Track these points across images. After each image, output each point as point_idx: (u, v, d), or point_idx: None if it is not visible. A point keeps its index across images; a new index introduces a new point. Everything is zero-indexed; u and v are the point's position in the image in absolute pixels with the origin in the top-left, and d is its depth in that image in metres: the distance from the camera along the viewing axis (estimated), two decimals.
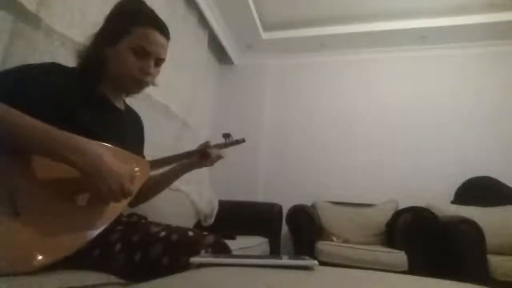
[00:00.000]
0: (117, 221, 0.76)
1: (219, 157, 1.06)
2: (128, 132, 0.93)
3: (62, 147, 0.61)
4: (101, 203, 0.68)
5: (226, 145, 1.11)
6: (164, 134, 2.14)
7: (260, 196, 2.94)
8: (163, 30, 0.87)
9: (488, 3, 2.48)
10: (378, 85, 3.01)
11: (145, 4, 0.89)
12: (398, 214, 2.21)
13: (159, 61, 0.88)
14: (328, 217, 2.43)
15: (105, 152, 0.66)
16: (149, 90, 0.95)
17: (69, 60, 0.86)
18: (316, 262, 0.57)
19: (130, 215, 0.97)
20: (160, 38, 0.85)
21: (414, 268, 1.83)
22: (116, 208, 0.73)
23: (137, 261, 0.70)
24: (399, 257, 1.88)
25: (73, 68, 0.83)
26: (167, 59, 0.91)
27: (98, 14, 0.87)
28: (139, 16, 0.84)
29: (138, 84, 0.87)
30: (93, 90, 0.84)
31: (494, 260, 1.77)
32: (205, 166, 1.05)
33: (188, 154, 1.00)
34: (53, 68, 0.77)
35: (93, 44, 0.84)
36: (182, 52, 2.24)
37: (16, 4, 1.08)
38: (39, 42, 1.15)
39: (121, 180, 0.65)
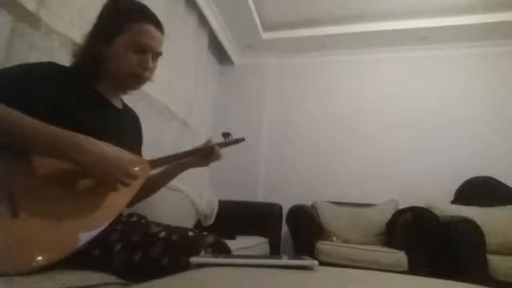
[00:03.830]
0: (117, 221, 0.76)
1: (221, 158, 1.05)
2: (126, 132, 0.93)
3: (64, 146, 0.62)
4: (110, 190, 0.71)
5: (225, 144, 1.11)
6: (163, 134, 2.14)
7: (260, 196, 2.94)
8: (158, 24, 0.88)
9: (488, 3, 2.48)
10: (378, 85, 3.01)
11: (136, 0, 0.89)
12: (398, 214, 2.21)
13: (156, 56, 0.89)
14: (328, 217, 2.43)
15: (104, 145, 0.68)
16: (148, 89, 0.95)
17: (69, 60, 0.86)
18: (316, 262, 0.57)
19: (130, 215, 0.97)
20: (155, 32, 0.86)
21: (414, 268, 1.83)
22: (116, 208, 0.73)
23: (137, 261, 0.70)
24: (399, 257, 1.88)
25: (69, 67, 0.83)
26: (166, 58, 0.92)
27: (97, 14, 0.87)
28: (133, 12, 0.84)
29: (137, 80, 0.88)
30: (91, 90, 0.83)
31: (494, 260, 1.77)
32: (206, 164, 1.04)
33: (188, 153, 1.00)
34: (51, 68, 0.77)
35: (88, 43, 0.84)
36: (182, 52, 2.23)
37: (16, 4, 1.08)
38: (39, 42, 1.16)
39: (125, 167, 0.69)
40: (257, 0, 2.63)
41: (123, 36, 0.82)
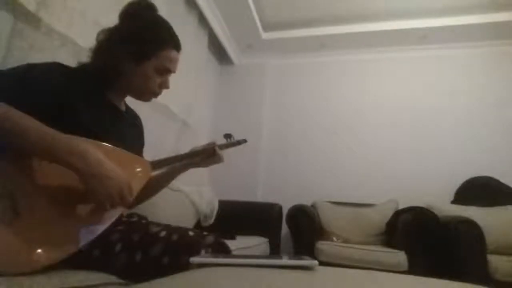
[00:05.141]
0: (117, 221, 0.76)
1: (222, 159, 1.06)
2: (128, 133, 0.93)
3: (64, 150, 0.61)
4: (97, 208, 0.68)
5: (227, 146, 1.12)
6: (164, 134, 2.14)
7: (260, 196, 2.94)
8: (180, 47, 0.92)
9: (488, 3, 2.48)
10: (378, 85, 3.01)
11: (163, 19, 0.90)
12: (398, 214, 2.21)
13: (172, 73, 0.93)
14: (328, 217, 2.43)
15: (105, 157, 0.66)
16: None
17: (69, 60, 0.86)
18: (316, 262, 0.57)
19: (130, 215, 0.97)
20: (177, 56, 0.91)
21: (414, 268, 1.83)
22: (117, 209, 0.73)
23: (138, 261, 0.70)
24: (399, 257, 1.88)
25: (77, 68, 0.82)
26: None
27: (97, 14, 0.86)
28: (166, 37, 0.87)
29: (154, 96, 0.93)
30: (98, 93, 0.83)
31: (494, 260, 1.77)
32: (208, 165, 1.05)
33: (190, 155, 1.00)
34: (53, 68, 0.76)
35: (112, 55, 0.81)
36: (182, 52, 2.23)
37: (16, 4, 1.08)
38: (39, 42, 1.16)
39: (120, 187, 0.65)
40: (257, 0, 2.63)
41: (153, 60, 0.84)
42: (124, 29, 0.84)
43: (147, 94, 0.90)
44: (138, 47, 0.83)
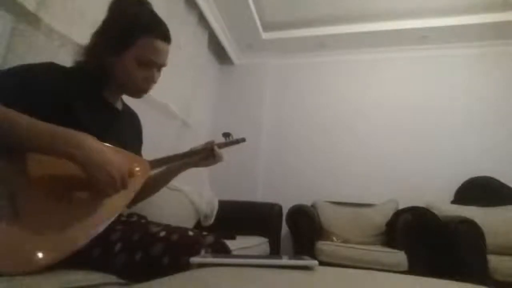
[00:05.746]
0: (117, 220, 0.76)
1: (222, 159, 1.05)
2: (126, 132, 0.93)
3: (62, 142, 0.61)
4: (101, 194, 0.68)
5: (226, 145, 1.11)
6: (163, 133, 2.14)
7: (260, 196, 2.94)
8: (166, 37, 0.86)
9: (488, 3, 2.48)
10: (378, 85, 3.01)
11: (147, 8, 0.87)
12: (398, 214, 2.21)
13: (161, 67, 0.89)
14: (328, 217, 2.43)
15: (104, 146, 0.67)
16: None
17: (68, 60, 0.86)
18: (316, 262, 0.57)
19: (130, 215, 0.97)
20: (163, 46, 0.85)
21: (414, 268, 1.83)
22: (116, 208, 0.73)
23: (138, 261, 0.70)
24: (399, 257, 1.88)
25: (71, 68, 0.82)
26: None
27: (97, 14, 0.86)
28: (144, 25, 0.82)
29: (141, 92, 0.88)
30: (93, 91, 0.83)
31: (494, 260, 1.77)
32: (207, 165, 1.04)
33: (189, 154, 1.00)
34: (52, 68, 0.76)
35: (95, 50, 0.82)
36: (182, 52, 2.23)
37: (16, 4, 1.08)
38: (39, 42, 1.16)
39: (121, 171, 0.66)
40: (257, 0, 2.63)
41: (133, 50, 0.81)
42: (111, 29, 0.82)
43: (133, 89, 0.86)
44: (116, 37, 0.80)
